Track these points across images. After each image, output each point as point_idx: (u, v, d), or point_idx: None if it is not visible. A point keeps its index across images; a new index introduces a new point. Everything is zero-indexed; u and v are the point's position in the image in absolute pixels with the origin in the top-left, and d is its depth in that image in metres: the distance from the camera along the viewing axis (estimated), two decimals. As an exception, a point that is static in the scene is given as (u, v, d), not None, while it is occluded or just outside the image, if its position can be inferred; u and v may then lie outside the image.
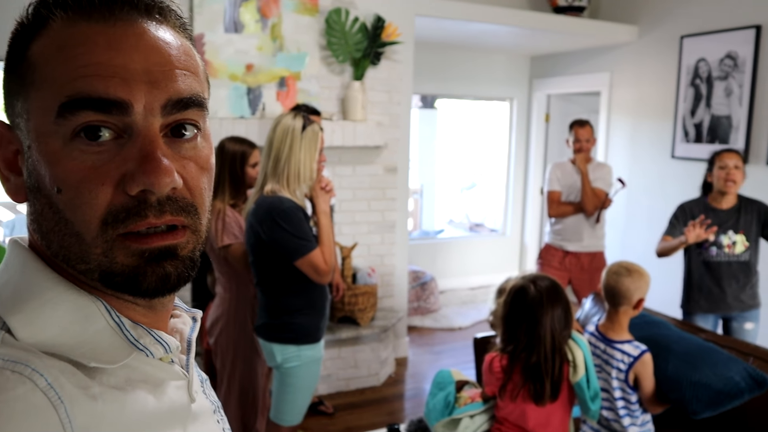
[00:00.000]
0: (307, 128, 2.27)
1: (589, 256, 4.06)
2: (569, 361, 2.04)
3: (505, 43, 5.46)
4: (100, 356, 0.51)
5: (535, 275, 2.12)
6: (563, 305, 2.04)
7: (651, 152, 4.89)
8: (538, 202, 6.40)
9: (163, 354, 0.56)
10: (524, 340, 2.02)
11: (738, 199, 3.18)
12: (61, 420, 0.46)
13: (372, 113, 4.10)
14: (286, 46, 3.74)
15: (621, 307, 2.23)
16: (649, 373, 2.18)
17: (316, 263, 2.23)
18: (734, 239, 3.11)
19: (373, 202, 4.25)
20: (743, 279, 3.15)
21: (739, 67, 4.17)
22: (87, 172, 0.49)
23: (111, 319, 0.52)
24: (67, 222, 0.50)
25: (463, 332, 5.21)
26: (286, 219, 2.20)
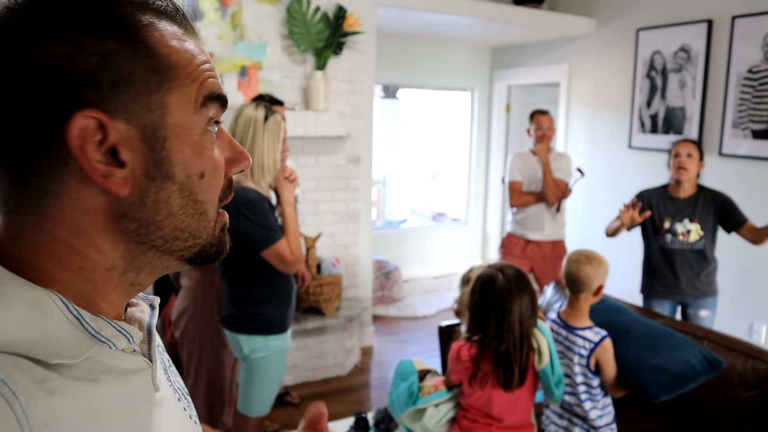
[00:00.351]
0: (270, 118, 2.26)
1: (550, 244, 4.14)
2: (535, 349, 2.09)
3: (466, 34, 5.50)
4: (61, 351, 0.50)
5: (502, 264, 2.15)
6: (530, 293, 2.08)
7: (609, 142, 5.00)
8: (499, 192, 6.48)
9: (126, 345, 0.56)
10: (494, 328, 2.05)
11: (697, 188, 3.24)
12: (17, 415, 0.45)
13: (334, 103, 4.09)
14: (247, 35, 3.70)
15: (581, 294, 2.28)
16: (610, 358, 2.25)
17: (283, 253, 2.23)
18: (689, 228, 3.18)
19: (336, 192, 4.25)
20: (697, 267, 3.22)
21: (692, 60, 4.28)
22: (218, 159, 0.58)
23: (69, 313, 0.51)
24: (197, 203, 0.56)
25: (427, 320, 5.27)
26: (251, 209, 2.19)
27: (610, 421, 2.30)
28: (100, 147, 0.51)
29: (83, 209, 0.52)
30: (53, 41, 0.49)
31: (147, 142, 0.53)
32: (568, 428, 2.36)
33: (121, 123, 0.51)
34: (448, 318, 5.04)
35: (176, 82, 0.54)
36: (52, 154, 0.50)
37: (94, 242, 0.54)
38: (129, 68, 0.51)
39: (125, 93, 0.51)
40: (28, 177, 0.51)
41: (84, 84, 0.49)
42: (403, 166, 8.52)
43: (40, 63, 0.48)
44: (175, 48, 0.54)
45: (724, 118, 4.07)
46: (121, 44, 0.51)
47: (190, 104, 0.55)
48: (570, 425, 2.35)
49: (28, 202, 0.52)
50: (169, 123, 0.54)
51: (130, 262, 0.56)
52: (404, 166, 8.53)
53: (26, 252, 0.52)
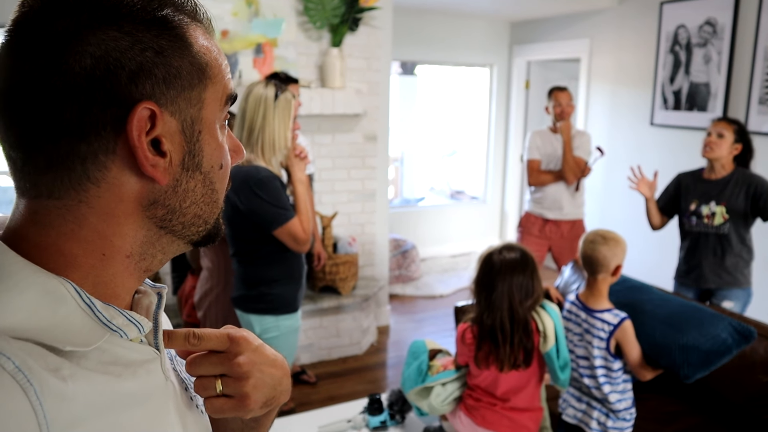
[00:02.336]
0: (280, 96, 2.24)
1: (569, 224, 4.08)
2: (540, 331, 2.07)
3: (485, 9, 5.39)
4: (73, 339, 0.51)
5: (509, 245, 2.14)
6: (527, 275, 2.05)
7: (630, 120, 4.90)
8: (518, 170, 6.41)
9: (136, 334, 0.57)
10: (484, 305, 2.09)
11: (733, 171, 3.08)
12: (31, 402, 0.46)
13: (351, 80, 4.04)
14: (262, 11, 3.65)
15: (599, 275, 2.25)
16: (631, 340, 2.21)
17: (295, 232, 2.22)
18: (714, 210, 3.04)
19: (353, 171, 4.22)
20: (720, 252, 3.08)
21: (718, 33, 4.16)
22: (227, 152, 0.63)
23: (81, 301, 0.52)
24: (214, 191, 0.61)
25: (444, 300, 5.25)
26: (263, 188, 2.18)
27: (629, 405, 2.27)
28: (147, 137, 0.53)
29: (118, 196, 0.54)
30: (112, 32, 0.51)
31: (185, 135, 0.56)
32: (587, 411, 2.33)
33: (167, 115, 0.54)
34: (466, 297, 5.02)
35: (211, 80, 0.57)
36: (104, 141, 0.52)
37: (121, 228, 0.55)
38: (177, 64, 0.54)
39: (173, 88, 0.54)
40: (73, 163, 0.52)
41: (141, 76, 0.52)
42: (421, 144, 8.45)
43: (99, 52, 0.50)
44: (207, 48, 0.57)
45: (750, 94, 3.96)
46: (171, 42, 0.54)
47: (218, 101, 0.59)
48: (589, 408, 2.33)
49: (67, 188, 0.53)
50: (203, 117, 0.58)
51: (146, 249, 0.58)
52: (422, 144, 8.46)
53: (54, 237, 0.53)
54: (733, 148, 3.07)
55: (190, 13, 0.57)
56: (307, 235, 2.26)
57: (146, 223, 0.57)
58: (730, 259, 3.08)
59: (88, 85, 0.50)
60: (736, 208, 3.02)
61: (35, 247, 0.53)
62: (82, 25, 0.50)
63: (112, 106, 0.51)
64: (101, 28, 0.50)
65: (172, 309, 3.59)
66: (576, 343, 2.33)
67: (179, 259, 3.32)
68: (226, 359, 0.64)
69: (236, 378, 0.64)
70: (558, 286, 3.30)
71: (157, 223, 0.57)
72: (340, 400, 3.41)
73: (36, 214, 0.53)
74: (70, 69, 0.50)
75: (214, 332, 0.64)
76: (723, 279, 3.10)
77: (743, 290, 3.12)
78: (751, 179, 3.02)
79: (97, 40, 0.50)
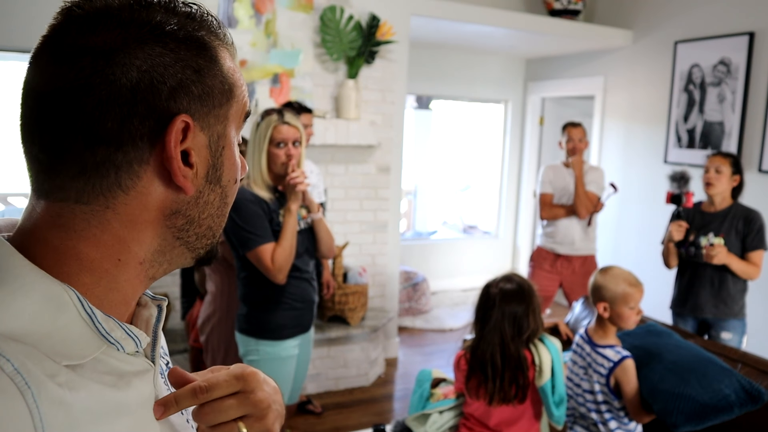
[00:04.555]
0: (263, 121, 2.26)
1: (580, 259, 4.06)
2: (535, 365, 2.05)
3: (501, 45, 5.46)
4: (70, 349, 0.51)
5: (509, 275, 2.14)
6: (522, 307, 2.04)
7: (644, 157, 4.90)
8: (531, 205, 6.40)
9: (133, 349, 0.57)
10: (477, 336, 2.09)
11: (732, 205, 3.14)
12: (29, 406, 0.46)
13: (365, 112, 4.09)
14: (280, 42, 3.73)
15: (598, 305, 2.24)
16: (630, 380, 2.16)
17: (263, 260, 2.19)
18: (712, 241, 3.05)
19: (365, 202, 4.24)
20: (718, 282, 3.10)
21: (732, 73, 4.17)
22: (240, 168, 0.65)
23: (83, 310, 0.52)
24: (226, 205, 0.63)
25: (454, 333, 5.21)
26: (235, 210, 2.19)
27: (637, 442, 2.23)
28: (185, 147, 0.56)
29: (144, 204, 0.56)
30: (158, 48, 0.53)
31: (211, 149, 0.59)
32: (594, 447, 2.29)
33: (198, 130, 0.57)
34: (475, 331, 4.98)
35: (235, 99, 0.60)
36: (139, 151, 0.54)
37: (141, 235, 0.57)
38: (211, 83, 0.57)
39: (206, 105, 0.57)
40: (107, 171, 0.53)
41: (180, 92, 0.54)
42: (435, 178, 8.48)
43: (146, 66, 0.52)
44: (234, 69, 0.61)
45: (765, 133, 3.95)
46: (207, 62, 0.57)
47: (238, 119, 0.62)
48: (596, 444, 2.28)
49: (97, 194, 0.54)
50: (227, 133, 0.60)
51: (156, 257, 0.59)
52: (436, 178, 8.50)
53: (75, 241, 0.54)
54: (732, 180, 3.14)
55: (220, 36, 0.60)
56: (276, 266, 2.19)
57: (164, 232, 0.58)
58: (727, 290, 3.10)
59: (132, 97, 0.52)
60: (733, 240, 3.07)
61: (53, 250, 0.53)
62: (130, 39, 0.52)
63: (150, 119, 0.53)
64: (148, 44, 0.53)
65: (180, 334, 3.59)
66: (582, 377, 2.30)
67: (189, 284, 3.33)
68: (244, 399, 0.62)
69: (259, 417, 0.63)
70: (568, 321, 3.28)
71: (174, 233, 0.59)
72: (345, 431, 3.37)
73: (59, 217, 0.54)
74: (117, 81, 0.51)
75: (221, 379, 0.62)
76: (720, 309, 3.11)
77: (740, 321, 3.14)
78: (747, 212, 3.11)
79: (144, 54, 0.52)
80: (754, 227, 3.04)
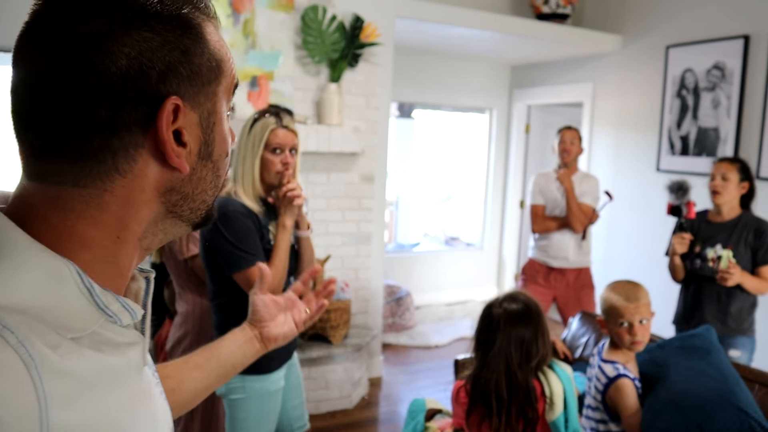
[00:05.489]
0: (257, 122, 1.99)
1: (575, 272, 3.86)
2: (545, 396, 1.83)
3: (486, 51, 5.30)
4: (70, 322, 0.52)
5: (513, 294, 1.93)
6: (530, 331, 1.82)
7: (635, 165, 4.75)
8: (517, 216, 6.23)
9: (129, 321, 0.58)
10: (479, 364, 1.88)
11: (741, 214, 2.95)
12: (32, 377, 0.47)
13: (348, 118, 3.88)
14: (259, 43, 3.50)
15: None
16: (624, 402, 1.96)
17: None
18: (720, 254, 2.87)
19: (348, 212, 4.02)
20: (725, 297, 2.91)
21: (726, 78, 4.05)
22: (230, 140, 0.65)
23: (81, 284, 0.53)
24: (218, 178, 0.64)
25: (440, 350, 4.98)
26: (226, 223, 1.91)
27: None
28: (176, 127, 0.56)
29: (142, 185, 0.56)
30: (145, 32, 0.53)
31: (202, 126, 0.60)
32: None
33: (188, 109, 0.57)
34: (462, 349, 4.76)
35: (223, 74, 0.61)
36: (134, 135, 0.54)
37: (138, 214, 0.58)
38: (198, 62, 0.57)
39: (195, 85, 0.57)
40: (104, 156, 0.54)
41: (169, 75, 0.55)
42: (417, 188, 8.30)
43: (134, 53, 0.52)
44: (220, 43, 0.60)
45: (762, 138, 3.82)
46: (194, 41, 0.56)
47: (227, 93, 0.62)
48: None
49: (94, 178, 0.54)
50: (217, 109, 0.61)
51: (150, 228, 0.60)
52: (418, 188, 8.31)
53: (73, 221, 0.55)
54: (740, 187, 2.94)
55: (203, 9, 0.59)
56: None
57: (159, 208, 0.59)
58: (735, 306, 2.90)
59: (123, 84, 0.52)
60: (743, 252, 2.87)
61: (52, 228, 0.54)
62: (116, 26, 0.52)
63: (143, 104, 0.54)
64: (134, 29, 0.52)
65: (151, 354, 3.32)
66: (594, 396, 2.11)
67: (158, 302, 3.08)
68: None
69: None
70: (565, 338, 3.07)
71: (168, 208, 0.60)
72: (330, 460, 3.13)
73: (57, 199, 0.54)
74: (107, 69, 0.52)
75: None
76: (728, 326, 2.91)
77: (749, 338, 2.95)
78: (759, 224, 2.90)
79: (131, 40, 0.52)
80: (765, 240, 2.84)
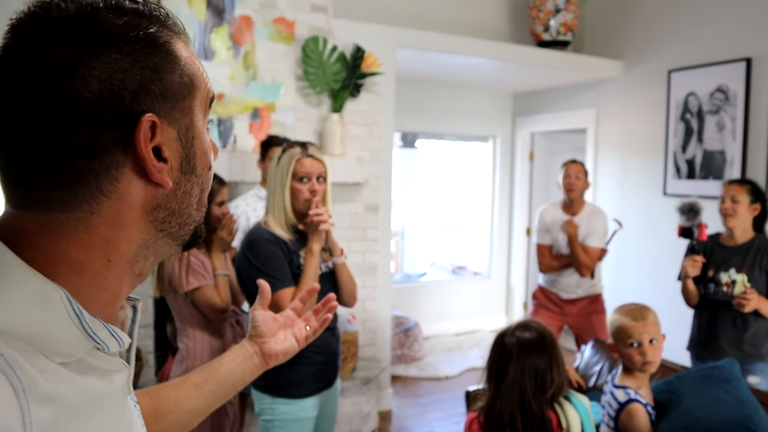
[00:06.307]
0: (284, 154, 2.07)
1: (586, 299, 3.79)
2: (562, 428, 1.76)
3: (488, 79, 5.31)
4: (59, 347, 0.52)
5: (525, 323, 1.89)
6: (545, 360, 1.77)
7: (641, 190, 4.71)
8: (524, 243, 6.17)
9: (116, 349, 0.58)
10: (492, 395, 1.82)
11: (755, 237, 2.88)
12: (19, 401, 0.47)
13: (351, 148, 3.86)
14: (260, 75, 3.51)
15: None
16: (635, 426, 1.91)
17: (281, 305, 1.94)
18: (734, 278, 2.81)
19: (353, 243, 3.98)
20: (741, 323, 2.82)
21: (730, 100, 4.03)
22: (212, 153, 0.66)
23: (71, 310, 0.53)
24: (204, 192, 0.65)
25: (450, 381, 4.89)
26: (252, 250, 2.01)
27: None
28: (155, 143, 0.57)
29: (128, 204, 0.57)
30: (114, 54, 0.54)
31: (181, 141, 0.60)
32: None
33: (166, 125, 0.58)
34: (473, 380, 4.67)
35: (196, 88, 0.61)
36: (114, 156, 0.55)
37: (127, 234, 0.58)
38: (170, 79, 0.58)
39: (169, 101, 0.58)
40: (87, 179, 0.54)
41: (141, 94, 0.55)
42: (422, 218, 8.26)
43: (105, 75, 0.53)
44: (191, 59, 0.61)
45: (770, 161, 3.78)
46: (163, 58, 0.57)
47: (203, 107, 0.63)
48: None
49: (80, 201, 0.55)
50: (194, 123, 0.61)
51: (141, 252, 0.60)
52: (423, 218, 8.28)
53: (64, 245, 0.55)
54: (752, 209, 2.88)
55: (171, 27, 0.60)
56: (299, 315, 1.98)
57: (148, 227, 0.59)
58: (751, 331, 2.81)
59: (97, 107, 0.53)
60: (757, 276, 2.79)
61: (44, 253, 0.54)
62: (85, 51, 0.52)
63: (119, 124, 0.54)
64: (103, 52, 0.53)
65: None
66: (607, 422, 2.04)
67: (162, 338, 3.03)
68: None
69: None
70: (578, 367, 3.00)
71: (157, 226, 0.60)
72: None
73: (46, 225, 0.55)
74: (79, 94, 0.52)
75: None
76: (744, 352, 2.82)
77: (767, 363, 2.84)
78: None
79: (101, 64, 0.52)
80: None
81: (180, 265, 2.32)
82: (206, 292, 2.33)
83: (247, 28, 3.46)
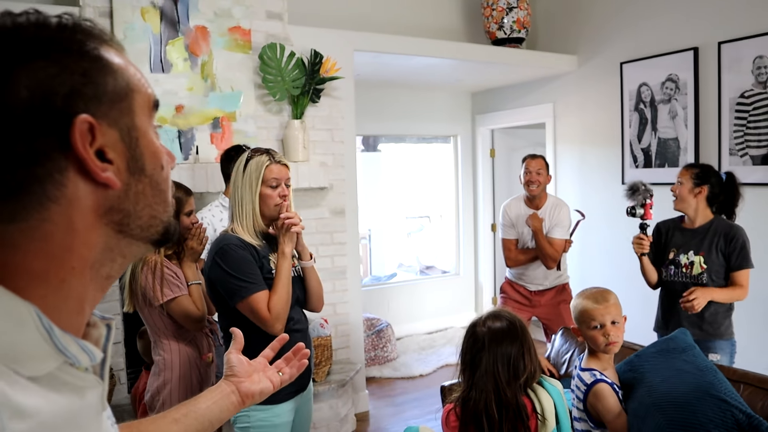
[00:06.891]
0: (251, 160, 2.08)
1: (554, 290, 3.86)
2: (537, 413, 1.81)
3: (446, 79, 5.38)
4: (30, 363, 0.53)
5: (496, 312, 1.93)
6: (516, 347, 1.81)
7: (601, 180, 4.83)
8: (490, 240, 6.25)
9: (87, 363, 0.58)
10: (467, 384, 1.84)
11: (712, 220, 2.97)
12: None
13: (314, 153, 3.87)
14: (219, 85, 3.50)
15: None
16: (604, 407, 1.97)
17: (256, 308, 1.96)
18: (692, 260, 2.91)
19: (321, 248, 3.98)
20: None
21: (681, 89, 4.16)
22: (166, 153, 0.66)
23: (41, 326, 0.53)
24: (161, 192, 0.64)
25: (424, 379, 4.93)
26: (223, 256, 2.00)
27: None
28: (91, 148, 0.56)
29: (78, 209, 0.57)
30: (40, 62, 0.54)
31: (125, 142, 0.60)
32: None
33: (105, 126, 0.58)
34: (447, 376, 4.71)
35: (136, 91, 0.62)
36: (55, 161, 0.55)
37: (84, 239, 0.58)
38: (103, 81, 0.58)
39: (104, 102, 0.58)
40: (32, 187, 0.54)
41: (73, 97, 0.55)
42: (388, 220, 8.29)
43: (33, 83, 0.53)
44: (123, 63, 0.61)
45: (720, 146, 3.92)
46: (92, 63, 0.57)
47: (146, 108, 0.63)
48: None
49: (29, 210, 0.55)
50: (137, 124, 0.61)
51: (106, 255, 0.60)
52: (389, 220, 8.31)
53: (21, 257, 0.55)
54: (694, 192, 2.95)
55: (98, 36, 0.60)
56: (273, 314, 1.99)
57: (105, 230, 0.60)
58: (709, 310, 2.90)
59: (29, 115, 0.53)
60: (714, 257, 2.89)
61: (3, 266, 0.54)
62: (10, 62, 0.53)
63: (54, 129, 0.54)
64: (29, 61, 0.53)
65: (127, 410, 3.21)
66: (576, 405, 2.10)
67: (134, 354, 2.99)
68: None
69: None
70: (549, 355, 3.06)
71: (114, 228, 0.60)
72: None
73: (1, 238, 0.55)
74: (9, 105, 0.52)
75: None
76: (704, 331, 2.92)
77: (727, 341, 2.95)
78: (729, 229, 2.90)
79: (27, 72, 0.53)
80: (736, 245, 2.86)
81: (154, 278, 2.30)
82: (182, 302, 2.32)
83: (203, 38, 3.44)
